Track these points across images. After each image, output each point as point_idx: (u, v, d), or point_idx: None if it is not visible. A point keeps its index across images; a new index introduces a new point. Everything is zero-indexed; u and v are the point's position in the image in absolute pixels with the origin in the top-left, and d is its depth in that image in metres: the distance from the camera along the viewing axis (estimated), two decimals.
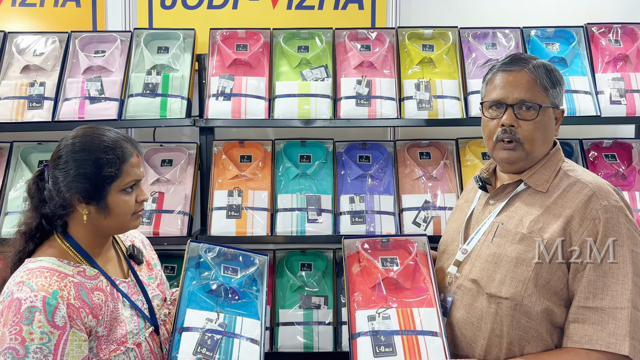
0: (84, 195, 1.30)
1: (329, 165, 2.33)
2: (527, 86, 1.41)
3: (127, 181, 1.34)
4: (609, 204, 1.34)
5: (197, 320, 1.45)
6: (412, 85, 2.24)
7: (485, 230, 1.46)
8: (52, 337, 1.20)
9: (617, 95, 2.20)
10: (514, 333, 1.35)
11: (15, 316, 1.19)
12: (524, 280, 1.34)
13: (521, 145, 1.41)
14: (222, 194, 2.22)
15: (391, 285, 1.52)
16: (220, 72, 2.29)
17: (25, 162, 2.33)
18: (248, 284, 1.59)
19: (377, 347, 1.39)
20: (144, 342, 1.38)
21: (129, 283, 1.43)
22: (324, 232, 2.18)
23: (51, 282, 1.24)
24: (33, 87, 2.24)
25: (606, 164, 2.29)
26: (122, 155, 1.33)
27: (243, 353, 1.41)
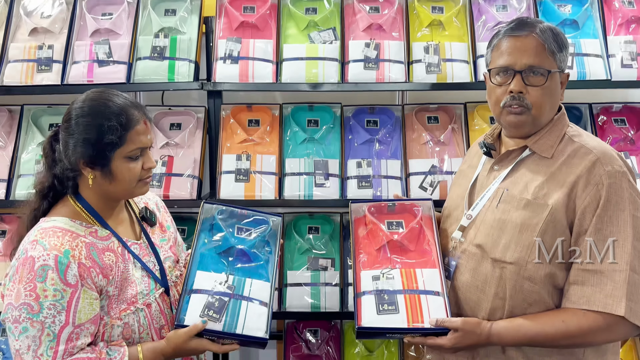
0: (88, 160, 1.31)
1: (337, 129, 2.34)
2: (535, 51, 1.39)
3: (131, 148, 1.33)
4: (612, 169, 1.35)
5: (206, 282, 1.47)
6: (421, 48, 2.22)
7: (490, 196, 1.47)
8: (64, 295, 1.24)
9: (629, 58, 2.17)
10: (517, 296, 1.38)
11: (29, 273, 1.23)
12: (528, 246, 1.36)
13: (529, 110, 1.40)
14: (230, 158, 2.24)
15: (396, 247, 1.55)
16: (227, 34, 2.27)
17: (36, 125, 2.36)
18: (260, 245, 1.60)
19: (381, 305, 1.43)
20: (154, 302, 1.41)
21: (140, 245, 1.45)
22: (331, 197, 2.20)
23: (63, 241, 1.28)
24: (42, 50, 2.25)
25: (615, 128, 2.27)
26: (126, 122, 1.32)
27: (250, 315, 1.43)
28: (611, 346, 1.43)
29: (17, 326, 1.22)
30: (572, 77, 2.14)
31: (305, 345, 2.30)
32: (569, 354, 1.38)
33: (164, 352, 1.37)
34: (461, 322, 1.36)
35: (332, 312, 2.19)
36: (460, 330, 1.36)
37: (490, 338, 1.36)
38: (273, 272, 1.55)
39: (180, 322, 1.40)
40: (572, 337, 1.32)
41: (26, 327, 1.22)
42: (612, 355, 1.43)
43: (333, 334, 2.34)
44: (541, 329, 1.33)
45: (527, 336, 1.34)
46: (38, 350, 1.22)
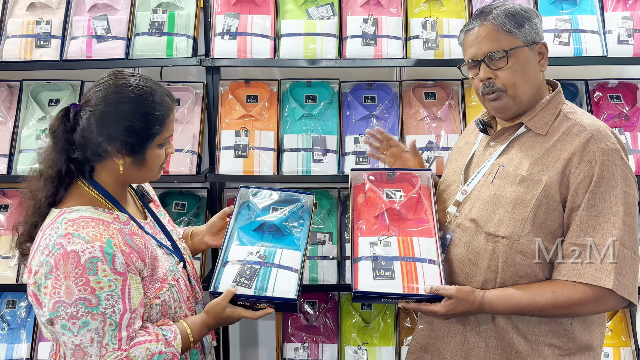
0: (126, 148, 1.30)
1: (335, 105, 2.35)
2: (489, 38, 1.44)
3: (166, 136, 1.36)
4: (606, 146, 1.38)
5: (240, 254, 1.54)
6: (419, 24, 2.22)
7: (485, 172, 1.51)
8: (117, 284, 1.23)
9: (625, 34, 2.17)
10: (508, 269, 1.42)
11: (77, 268, 1.21)
12: (522, 221, 1.40)
13: (504, 92, 1.45)
14: (229, 134, 2.26)
15: (394, 216, 1.59)
16: (225, 10, 2.27)
17: (36, 100, 2.37)
18: (293, 219, 1.66)
19: (377, 271, 1.46)
20: (180, 277, 1.45)
21: (149, 224, 1.47)
22: (329, 172, 2.23)
23: (101, 231, 1.26)
24: (40, 25, 2.25)
25: (610, 104, 2.29)
26: (167, 111, 1.34)
27: (280, 279, 1.48)
28: (597, 317, 1.47)
29: (75, 322, 1.21)
30: (568, 53, 2.16)
31: (304, 317, 2.36)
32: (556, 324, 1.43)
33: (207, 324, 1.43)
34: (455, 290, 1.41)
35: (329, 285, 2.24)
36: (454, 297, 1.40)
37: (483, 306, 1.41)
38: (305, 242, 1.62)
39: (215, 289, 1.46)
40: (562, 307, 1.36)
41: (87, 321, 1.21)
42: (598, 327, 1.48)
43: (330, 305, 2.39)
44: (532, 298, 1.38)
45: (519, 305, 1.39)
46: (103, 340, 1.22)
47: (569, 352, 1.44)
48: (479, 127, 1.59)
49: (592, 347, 1.46)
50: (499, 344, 1.46)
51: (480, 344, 1.47)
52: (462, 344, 1.50)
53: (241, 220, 1.65)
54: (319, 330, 2.35)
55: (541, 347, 1.43)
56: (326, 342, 2.33)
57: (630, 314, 2.30)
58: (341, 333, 2.34)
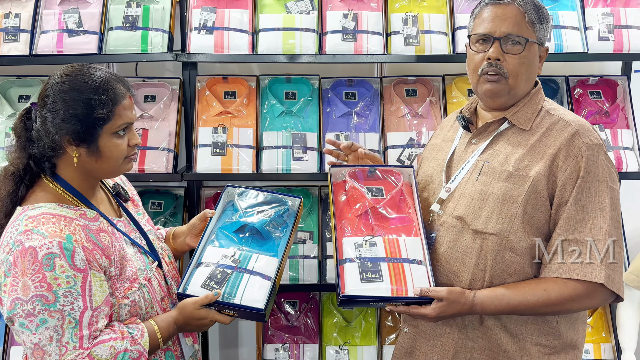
0: (75, 137, 1.26)
1: (315, 102, 2.31)
2: (514, 20, 1.40)
3: (119, 124, 1.30)
4: (590, 141, 1.38)
5: (214, 256, 1.48)
6: (400, 19, 2.19)
7: (469, 168, 1.48)
8: (77, 280, 1.20)
9: (606, 31, 2.17)
10: (497, 267, 1.40)
11: (34, 264, 1.18)
12: (511, 217, 1.38)
13: (505, 79, 1.42)
14: (206, 131, 2.21)
15: (377, 214, 1.54)
16: (202, 3, 2.21)
17: (5, 97, 2.29)
18: (276, 223, 1.60)
19: (364, 273, 1.42)
20: (153, 277, 1.40)
21: (124, 222, 1.43)
22: (310, 170, 2.20)
23: (61, 227, 1.23)
24: (8, 19, 2.17)
25: (590, 101, 2.29)
26: (114, 96, 1.28)
27: (250, 287, 1.42)
28: (581, 314, 1.47)
29: (32, 320, 1.17)
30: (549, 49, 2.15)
31: (285, 317, 2.33)
32: (543, 322, 1.42)
33: (176, 322, 1.38)
34: (446, 292, 1.37)
35: (310, 284, 2.21)
36: (445, 299, 1.37)
37: (474, 307, 1.39)
38: (283, 249, 1.55)
39: (184, 291, 1.42)
40: (553, 305, 1.35)
41: (44, 319, 1.18)
42: (581, 324, 1.48)
43: (311, 305, 2.36)
44: (523, 297, 1.36)
45: (510, 305, 1.37)
46: (62, 339, 1.19)
47: (555, 350, 1.42)
48: (460, 123, 1.55)
49: (576, 345, 1.46)
50: (486, 344, 1.44)
51: (468, 345, 1.45)
52: (449, 346, 1.47)
53: (223, 219, 1.60)
54: (300, 330, 2.31)
55: (528, 346, 1.42)
56: (307, 342, 2.30)
57: (610, 310, 2.31)
58: (322, 333, 2.31)
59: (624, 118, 2.28)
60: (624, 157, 2.20)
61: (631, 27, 2.18)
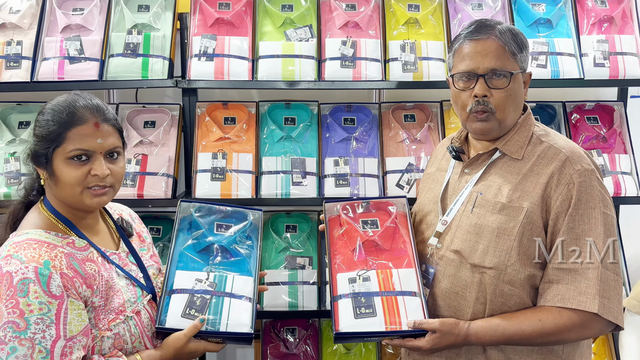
0: (32, 157, 1.29)
1: (314, 127, 2.33)
2: (496, 54, 1.38)
3: (70, 149, 1.24)
4: (582, 167, 1.36)
5: (186, 281, 1.43)
6: (398, 46, 2.22)
7: (463, 200, 1.47)
8: (51, 307, 1.16)
9: (601, 57, 2.20)
10: (497, 300, 1.38)
11: (9, 290, 1.15)
12: (507, 250, 1.36)
13: (493, 114, 1.40)
14: (206, 157, 2.21)
15: (371, 247, 1.54)
16: (202, 31, 2.24)
17: (5, 123, 2.29)
18: (241, 240, 1.56)
19: (358, 309, 1.41)
20: (142, 310, 1.36)
21: (119, 254, 1.39)
22: (309, 195, 2.19)
23: (41, 252, 1.21)
24: (10, 46, 2.18)
25: (588, 126, 2.31)
26: (68, 120, 1.25)
27: (234, 311, 1.39)
28: (586, 341, 1.45)
29: (3, 347, 1.13)
30: (546, 75, 2.17)
31: (284, 344, 2.29)
32: (549, 352, 1.39)
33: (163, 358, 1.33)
34: (439, 324, 1.36)
35: (309, 311, 2.18)
36: (438, 331, 1.36)
37: (468, 338, 1.37)
38: (255, 266, 1.52)
39: (162, 324, 1.35)
40: (548, 335, 1.33)
41: (14, 347, 1.13)
42: (587, 349, 1.46)
43: (311, 332, 2.33)
44: (518, 327, 1.34)
45: (505, 335, 1.35)
46: None
47: None
48: (451, 154, 1.54)
49: None
50: None
51: None
52: None
53: (183, 239, 1.54)
54: (299, 358, 2.28)
55: None
56: None
57: (613, 336, 2.29)
58: None
59: (622, 143, 2.29)
60: (622, 182, 2.20)
61: (626, 53, 2.20)
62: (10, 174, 2.18)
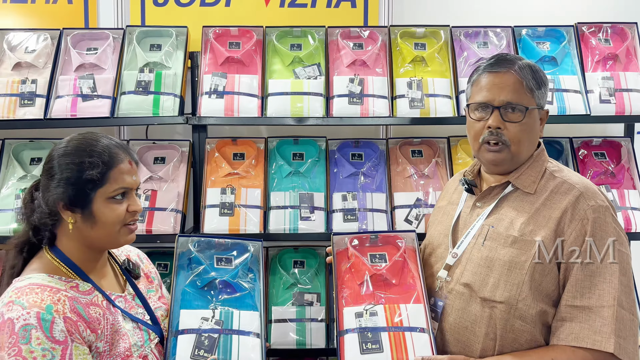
0: (68, 201, 1.25)
1: (322, 163, 2.34)
2: (513, 88, 1.40)
3: (114, 188, 1.27)
4: (596, 204, 1.35)
5: (192, 320, 1.41)
6: (404, 83, 2.25)
7: (475, 233, 1.45)
8: (55, 353, 1.14)
9: (607, 94, 2.22)
10: (507, 336, 1.36)
11: (11, 337, 1.13)
12: (518, 284, 1.35)
13: (507, 147, 1.41)
14: (215, 192, 2.23)
15: (379, 282, 1.52)
16: (213, 70, 2.29)
17: (17, 159, 2.32)
18: (243, 273, 1.54)
19: (364, 344, 1.38)
20: (150, 354, 1.34)
21: (125, 297, 1.37)
22: (317, 230, 2.19)
23: (43, 297, 1.18)
24: (25, 85, 2.23)
25: (596, 162, 2.31)
26: (108, 160, 1.27)
27: (243, 349, 1.38)
28: None
29: None
30: (552, 111, 2.19)
31: None
32: None
33: None
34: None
35: (318, 349, 2.15)
36: None
37: None
38: (260, 300, 1.50)
39: None
40: None
41: None
42: None
43: None
44: None
45: None
46: None
47: None
48: (464, 186, 1.54)
49: None
50: None
51: None
52: None
53: (184, 276, 1.52)
54: None
55: None
56: None
57: None
58: None
59: (630, 179, 2.29)
60: (632, 218, 2.19)
61: (632, 90, 2.23)
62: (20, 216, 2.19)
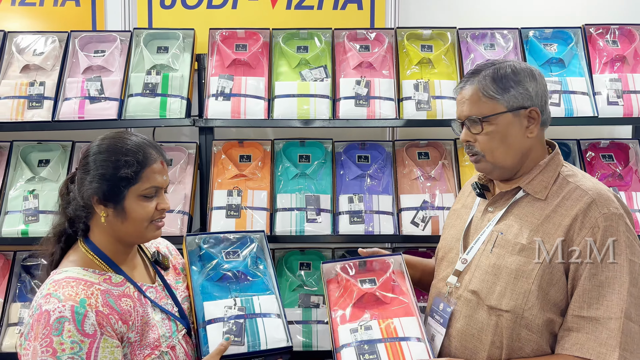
0: (101, 196, 1.31)
1: (328, 165, 2.34)
2: (470, 100, 1.42)
3: (146, 186, 1.33)
4: (609, 211, 1.31)
5: (216, 310, 1.48)
6: (411, 85, 2.25)
7: (484, 239, 1.43)
8: (82, 346, 1.19)
9: (615, 96, 2.21)
10: (513, 345, 1.34)
11: (45, 328, 1.19)
12: (525, 293, 1.32)
13: (484, 157, 1.42)
14: (221, 194, 2.23)
15: (371, 301, 1.53)
16: (219, 72, 2.29)
17: (25, 161, 2.34)
18: (252, 262, 1.63)
19: (362, 356, 1.38)
20: (177, 344, 1.39)
21: (156, 288, 1.43)
22: (323, 232, 2.19)
23: (78, 290, 1.24)
24: (33, 87, 2.25)
25: (603, 164, 2.30)
26: (143, 159, 1.33)
27: (269, 329, 1.46)
28: None
29: None
30: (559, 113, 2.19)
31: None
32: None
33: None
34: None
35: (324, 351, 2.15)
36: None
37: None
38: (274, 284, 1.59)
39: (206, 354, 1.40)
40: None
41: None
42: None
43: None
44: None
45: None
46: None
47: None
48: (475, 191, 1.52)
49: None
50: None
51: None
52: None
53: (199, 272, 1.59)
54: None
55: None
56: None
57: None
58: None
59: (638, 181, 2.28)
60: None
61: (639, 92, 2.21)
62: (29, 212, 2.21)
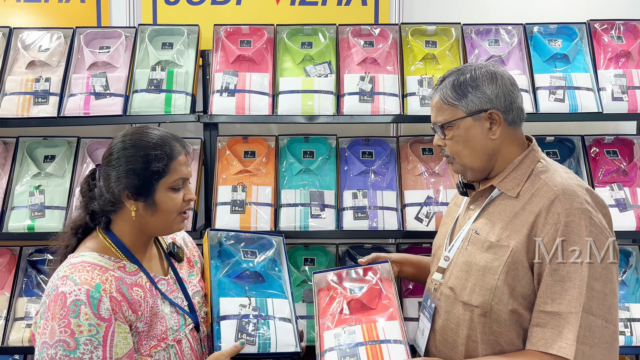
0: (133, 191, 1.33)
1: (332, 160, 2.35)
2: (436, 108, 1.48)
3: (174, 178, 1.37)
4: (571, 207, 1.31)
5: (231, 307, 1.52)
6: (415, 81, 2.25)
7: (463, 237, 1.48)
8: (99, 329, 1.23)
9: (619, 91, 2.20)
10: (487, 339, 1.38)
11: (62, 309, 1.22)
12: (491, 289, 1.36)
13: (454, 159, 1.48)
14: (226, 189, 2.24)
15: (357, 307, 1.58)
16: (224, 68, 2.30)
17: (31, 157, 2.35)
18: (270, 265, 1.66)
19: (343, 358, 1.44)
20: (184, 338, 1.41)
21: (168, 280, 1.45)
22: (327, 228, 2.20)
23: (93, 275, 1.27)
24: (38, 83, 2.26)
25: (607, 160, 2.30)
26: (170, 152, 1.36)
27: (280, 333, 1.50)
28: None
29: None
30: (564, 109, 2.18)
31: None
32: None
33: None
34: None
35: None
36: None
37: None
38: (287, 289, 1.62)
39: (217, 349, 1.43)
40: None
41: None
42: None
43: None
44: None
45: None
46: None
47: None
48: (458, 189, 1.57)
49: None
50: None
51: None
52: None
53: (217, 267, 1.62)
54: None
55: None
56: None
57: None
58: None
59: None
60: None
61: None
62: (35, 207, 2.22)
